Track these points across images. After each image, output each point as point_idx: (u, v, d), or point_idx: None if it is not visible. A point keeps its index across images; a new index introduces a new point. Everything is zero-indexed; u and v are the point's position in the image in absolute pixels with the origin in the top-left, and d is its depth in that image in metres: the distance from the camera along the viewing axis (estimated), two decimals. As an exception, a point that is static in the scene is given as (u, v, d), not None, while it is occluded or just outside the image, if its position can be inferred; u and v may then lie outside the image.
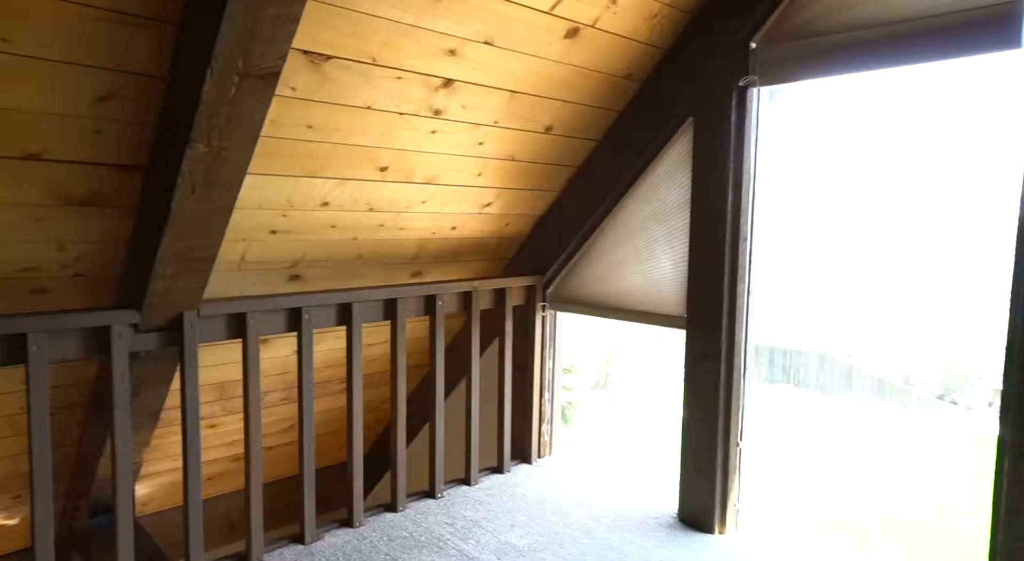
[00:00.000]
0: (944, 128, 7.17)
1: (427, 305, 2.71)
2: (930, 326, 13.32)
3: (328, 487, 2.87)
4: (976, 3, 1.88)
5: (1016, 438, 1.79)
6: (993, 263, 10.19)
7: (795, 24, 2.24)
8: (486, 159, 2.59)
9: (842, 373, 14.81)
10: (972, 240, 11.47)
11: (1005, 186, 1.85)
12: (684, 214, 2.57)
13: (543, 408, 3.15)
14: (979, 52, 1.90)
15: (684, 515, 2.57)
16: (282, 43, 1.61)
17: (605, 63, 2.46)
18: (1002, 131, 2.28)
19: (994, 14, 1.85)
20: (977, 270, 11.83)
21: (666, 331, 2.71)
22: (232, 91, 1.63)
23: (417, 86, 2.16)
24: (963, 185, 7.86)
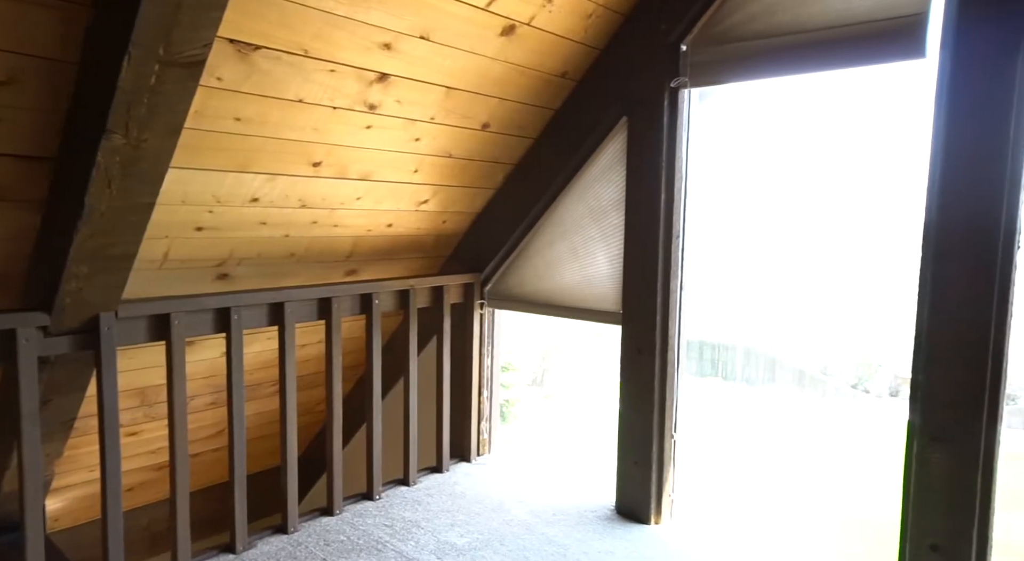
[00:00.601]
0: (859, 131, 7.52)
1: (363, 304, 2.65)
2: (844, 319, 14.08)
3: (259, 493, 2.77)
4: (886, 15, 2.00)
5: (924, 423, 1.90)
6: (901, 259, 10.87)
7: (722, 28, 2.31)
8: (423, 155, 2.56)
9: (766, 365, 15.44)
10: (881, 238, 12.16)
11: (914, 187, 1.97)
12: (619, 212, 2.61)
13: (482, 406, 3.14)
14: (889, 60, 2.02)
15: (621, 507, 2.62)
16: (207, 30, 1.53)
17: (541, 61, 2.47)
18: (910, 135, 2.42)
19: (902, 25, 1.97)
20: (886, 266, 12.60)
21: (601, 327, 2.75)
22: (152, 79, 1.54)
23: (351, 80, 2.11)
24: (877, 185, 8.20)
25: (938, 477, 1.87)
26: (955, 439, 1.84)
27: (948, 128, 1.83)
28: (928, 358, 1.89)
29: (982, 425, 1.80)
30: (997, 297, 1.78)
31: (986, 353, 1.79)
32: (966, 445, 1.82)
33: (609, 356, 14.83)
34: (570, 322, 2.79)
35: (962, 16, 1.81)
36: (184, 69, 1.57)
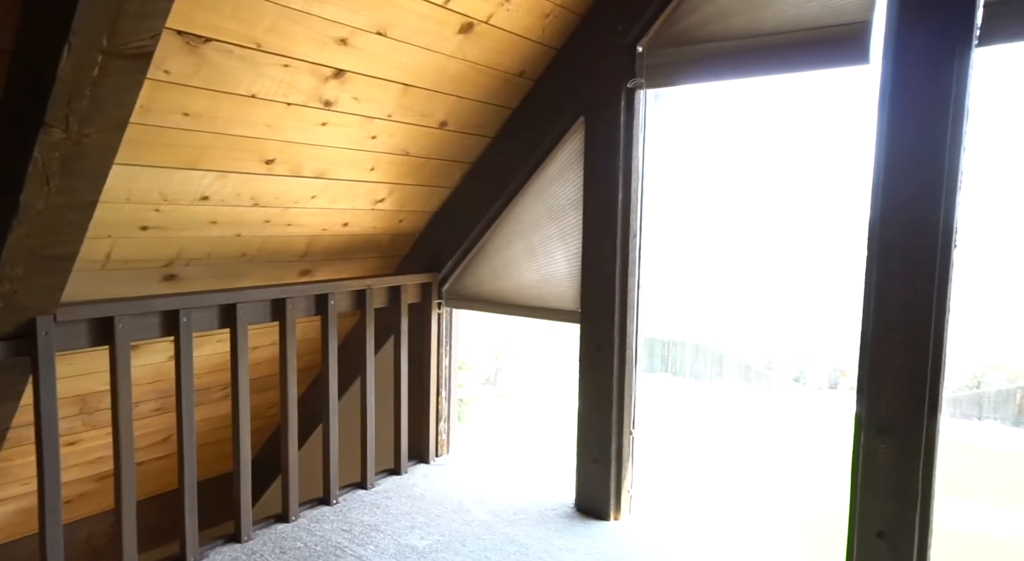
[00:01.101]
0: (808, 134, 7.75)
1: (318, 305, 2.59)
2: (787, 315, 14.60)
3: (207, 501, 2.67)
4: (832, 22, 2.07)
5: (869, 415, 1.98)
6: (840, 257, 11.28)
7: (678, 31, 2.35)
8: (379, 153, 2.52)
9: (714, 361, 15.85)
10: (823, 236, 12.62)
11: (859, 188, 2.04)
12: (577, 211, 2.63)
13: (440, 406, 3.11)
14: (835, 65, 2.09)
15: (581, 504, 2.64)
16: (155, 20, 1.47)
17: (499, 60, 2.46)
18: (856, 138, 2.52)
19: (847, 32, 2.04)
20: (827, 263, 13.10)
21: (554, 325, 2.77)
22: (95, 71, 1.47)
23: (306, 75, 2.05)
24: (824, 186, 8.50)
25: (883, 467, 1.95)
26: (899, 430, 1.92)
27: (890, 131, 1.91)
28: (873, 352, 1.97)
29: (924, 416, 1.89)
30: (936, 293, 1.86)
31: (927, 347, 1.87)
32: (909, 435, 1.91)
33: (562, 354, 14.97)
34: (523, 321, 2.79)
35: (901, 24, 1.89)
36: (130, 61, 1.50)
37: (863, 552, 1.99)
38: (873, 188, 1.96)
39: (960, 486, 7.52)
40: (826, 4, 2.05)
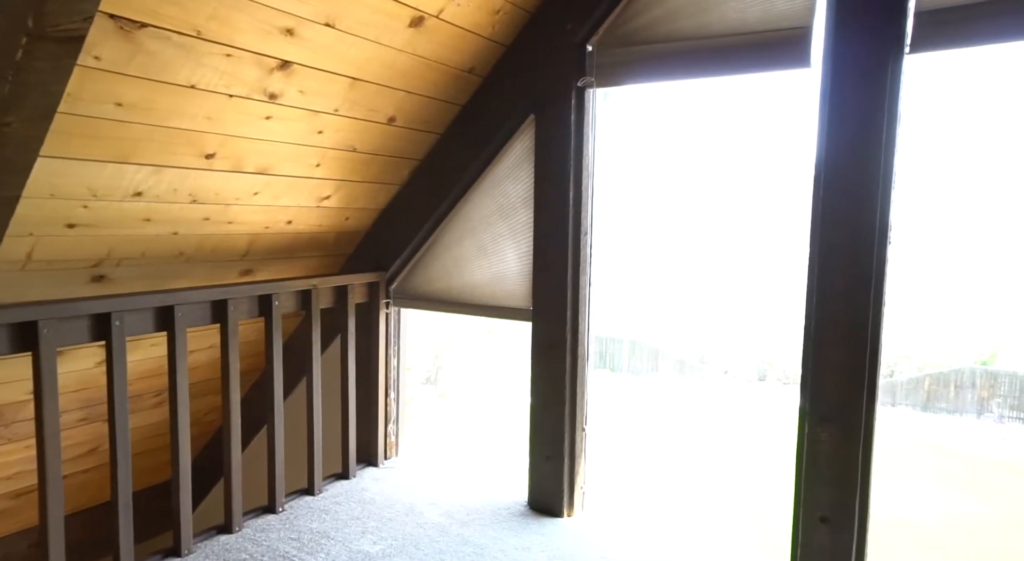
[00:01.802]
0: (753, 135, 8.03)
1: (262, 305, 2.49)
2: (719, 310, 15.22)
3: (138, 514, 2.54)
4: (775, 26, 2.13)
5: (813, 406, 2.06)
6: (775, 255, 11.87)
7: (627, 31, 2.38)
8: (325, 149, 2.45)
9: (650, 357, 16.29)
10: (759, 235, 13.17)
11: (802, 187, 2.13)
12: (528, 209, 2.62)
13: (389, 408, 3.05)
14: (778, 68, 2.16)
15: (534, 502, 2.64)
16: (86, 2, 1.38)
17: (449, 55, 2.43)
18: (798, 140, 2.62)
19: (789, 37, 2.11)
20: (761, 261, 13.71)
21: (494, 323, 2.76)
22: (19, 54, 1.37)
23: (250, 66, 1.97)
24: (765, 185, 8.85)
25: (826, 454, 2.04)
26: (840, 418, 2.01)
27: (830, 133, 1.99)
28: (816, 344, 2.05)
29: (863, 403, 1.98)
30: (874, 287, 1.96)
31: (865, 338, 1.97)
32: (849, 423, 2.00)
33: (504, 352, 14.96)
34: (463, 320, 2.76)
35: (838, 31, 1.97)
36: (58, 45, 1.40)
37: (808, 537, 2.07)
38: (815, 187, 2.04)
39: (880, 470, 7.94)
40: (769, 9, 2.12)
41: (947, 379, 13.31)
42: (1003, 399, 12.86)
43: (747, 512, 7.41)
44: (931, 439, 10.91)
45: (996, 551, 6.90)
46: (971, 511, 7.84)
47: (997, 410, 12.84)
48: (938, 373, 13.49)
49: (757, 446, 10.01)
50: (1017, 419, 12.60)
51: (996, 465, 9.56)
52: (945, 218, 19.01)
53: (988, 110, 17.70)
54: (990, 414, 12.85)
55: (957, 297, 18.30)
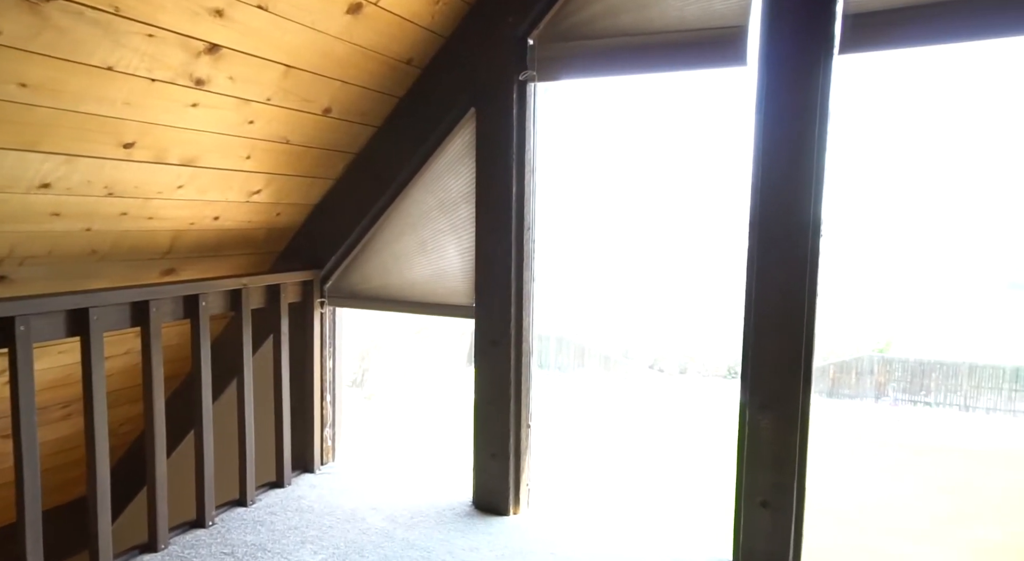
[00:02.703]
0: (693, 131, 8.27)
1: (187, 307, 2.33)
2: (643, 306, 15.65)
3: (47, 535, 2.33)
4: (712, 24, 2.19)
5: (753, 395, 2.12)
6: (702, 253, 12.27)
7: (568, 25, 2.38)
8: (256, 140, 2.32)
9: (576, 353, 16.61)
10: (692, 231, 13.55)
11: (741, 186, 2.19)
12: (469, 204, 2.58)
13: (325, 411, 2.93)
14: (716, 66, 2.21)
15: (479, 501, 2.60)
16: (-10, -31, 1.23)
17: (387, 45, 2.36)
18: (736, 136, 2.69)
19: (726, 35, 2.17)
20: (687, 256, 14.16)
21: (422, 322, 2.71)
22: (-92, 25, 1.20)
23: (175, 48, 1.83)
24: (707, 181, 9.14)
25: (766, 441, 2.11)
26: (779, 405, 2.08)
27: (766, 131, 2.06)
28: (755, 335, 2.12)
29: (799, 391, 2.06)
30: (808, 279, 2.04)
31: (801, 328, 2.05)
32: (787, 410, 2.07)
33: (433, 353, 14.78)
34: (390, 321, 2.69)
35: (771, 31, 2.04)
36: (-43, 16, 1.24)
37: (749, 521, 2.14)
38: (752, 184, 2.11)
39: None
40: (707, 7, 2.17)
41: (849, 367, 14.24)
42: (897, 383, 13.90)
43: (683, 500, 7.65)
44: (840, 423, 11.63)
45: (910, 526, 7.42)
46: (885, 489, 8.40)
47: (892, 394, 13.86)
48: (841, 361, 14.41)
49: (686, 436, 10.37)
50: (909, 401, 13.65)
51: (900, 445, 10.30)
52: (843, 215, 20.30)
53: (893, 112, 19.10)
54: (887, 398, 13.85)
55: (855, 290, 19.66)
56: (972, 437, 11.09)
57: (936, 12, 1.86)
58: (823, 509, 7.54)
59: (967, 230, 21.23)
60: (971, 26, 1.84)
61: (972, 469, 9.29)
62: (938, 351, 15.45)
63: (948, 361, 13.94)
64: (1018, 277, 22.33)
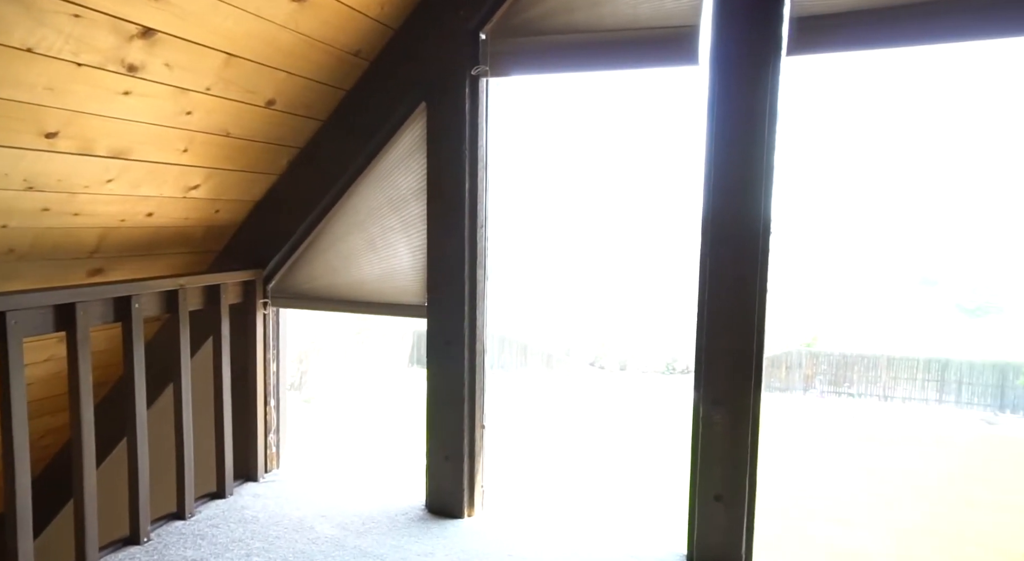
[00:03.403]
0: (648, 130, 8.38)
1: (118, 309, 2.18)
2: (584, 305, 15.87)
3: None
4: (665, 23, 2.20)
5: (707, 391, 2.15)
6: (642, 251, 12.54)
7: (521, 20, 2.36)
8: (194, 132, 2.19)
9: (518, 352, 16.67)
10: (642, 230, 13.86)
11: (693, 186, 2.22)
12: (420, 201, 2.52)
13: (268, 417, 2.81)
14: (668, 65, 2.23)
15: (433, 505, 2.54)
16: None
17: (334, 35, 2.27)
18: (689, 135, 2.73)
19: (678, 34, 2.19)
20: (635, 256, 14.41)
21: (362, 324, 2.64)
22: None
23: (105, 31, 1.70)
24: (658, 181, 9.30)
25: (719, 436, 2.14)
26: (731, 401, 2.12)
27: (718, 131, 2.09)
28: (709, 331, 2.14)
29: (751, 387, 2.10)
30: (759, 277, 2.08)
31: (752, 325, 2.09)
32: (740, 405, 2.11)
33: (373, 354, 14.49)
34: (330, 322, 2.59)
35: (722, 31, 2.07)
36: None
37: (704, 515, 2.17)
38: (705, 183, 2.13)
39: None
40: (659, 6, 2.18)
41: (780, 361, 14.84)
42: (823, 376, 14.58)
43: (633, 495, 7.77)
44: (772, 415, 12.09)
45: (839, 512, 7.76)
46: (814, 478, 8.76)
47: (819, 386, 14.54)
48: (772, 356, 14.99)
49: (632, 432, 10.55)
50: (834, 393, 14.35)
51: (828, 435, 10.78)
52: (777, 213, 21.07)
53: (820, 114, 19.97)
54: (814, 390, 14.52)
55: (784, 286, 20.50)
56: (891, 425, 11.74)
57: (878, 17, 1.93)
58: (760, 499, 7.80)
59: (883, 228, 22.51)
60: (911, 31, 1.91)
61: (892, 455, 9.83)
62: (860, 345, 16.32)
63: (869, 354, 14.73)
64: (929, 273, 23.80)
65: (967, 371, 14.05)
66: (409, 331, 17.32)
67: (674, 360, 17.12)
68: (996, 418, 13.09)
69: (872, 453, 9.91)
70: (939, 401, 14.05)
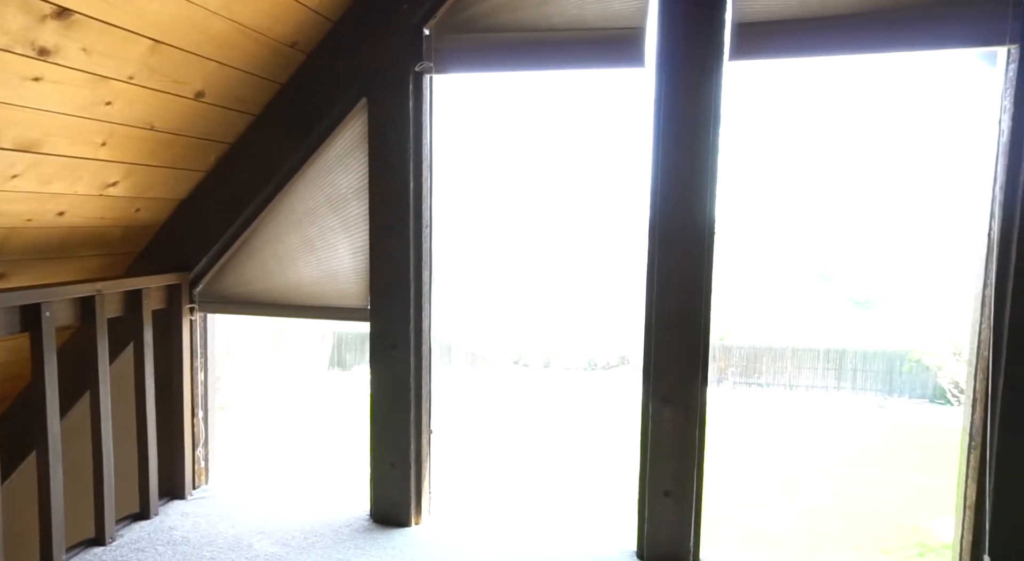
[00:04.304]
0: (597, 131, 8.39)
1: (26, 318, 1.97)
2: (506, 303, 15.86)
3: None
4: (611, 25, 2.21)
5: (655, 388, 2.19)
6: (575, 250, 12.67)
7: (466, 17, 2.31)
8: (115, 125, 2.01)
9: (443, 351, 16.55)
10: (574, 229, 13.97)
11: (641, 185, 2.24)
12: (361, 201, 2.43)
13: (196, 429, 2.63)
14: (614, 66, 2.24)
15: (379, 514, 2.46)
16: None
17: (270, 25, 2.14)
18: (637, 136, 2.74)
19: (624, 36, 2.20)
20: (562, 254, 14.52)
21: (279, 327, 2.54)
22: None
23: (13, 9, 1.53)
24: (597, 181, 9.37)
25: (668, 433, 2.18)
26: (680, 398, 2.17)
27: (665, 133, 2.12)
28: (657, 329, 2.18)
29: (698, 384, 2.16)
30: (705, 275, 2.14)
31: (699, 323, 2.14)
32: (688, 402, 2.16)
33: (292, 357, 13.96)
34: (244, 326, 2.45)
35: (668, 34, 2.11)
36: None
37: (653, 511, 2.21)
38: (652, 184, 2.17)
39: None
40: (607, 7, 2.19)
41: (695, 355, 15.45)
42: (735, 368, 15.33)
43: (576, 492, 7.86)
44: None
45: (751, 498, 8.15)
46: (729, 465, 9.17)
47: (732, 378, 15.27)
48: (688, 350, 15.57)
49: (563, 427, 10.68)
50: (744, 384, 15.11)
51: (740, 423, 11.31)
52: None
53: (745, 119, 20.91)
54: (727, 381, 15.23)
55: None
56: (796, 412, 12.48)
57: (813, 27, 2.01)
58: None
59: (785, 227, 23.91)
60: (842, 42, 2.01)
61: (797, 440, 10.45)
62: (767, 338, 17.23)
63: (776, 346, 15.59)
64: (826, 269, 25.47)
65: (861, 359, 15.14)
66: (330, 333, 16.82)
67: (596, 356, 17.53)
68: (886, 402, 14.20)
69: (780, 439, 10.50)
70: (837, 388, 15.07)
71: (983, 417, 1.95)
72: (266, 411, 11.42)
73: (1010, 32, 1.85)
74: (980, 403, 1.96)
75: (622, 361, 17.67)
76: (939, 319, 16.46)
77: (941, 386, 12.55)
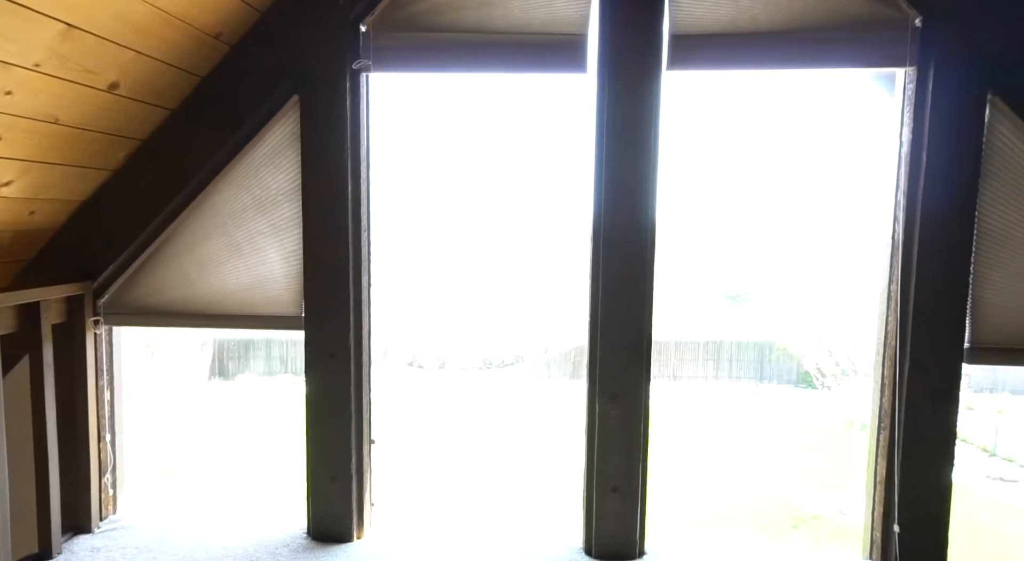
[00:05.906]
0: (535, 135, 8.24)
1: (-95, 338, 1.70)
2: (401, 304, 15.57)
3: None
4: (555, 30, 2.23)
5: (602, 386, 2.24)
6: (484, 249, 12.61)
7: (407, 15, 2.25)
8: (14, 117, 1.78)
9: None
10: (487, 230, 13.81)
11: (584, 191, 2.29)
12: (293, 203, 2.31)
13: (103, 454, 2.38)
14: (557, 71, 2.26)
15: (318, 530, 2.34)
16: None
17: (195, 14, 1.99)
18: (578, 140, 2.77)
19: (567, 41, 2.23)
20: (460, 253, 14.47)
21: (151, 338, 2.40)
22: None
23: (-94, -19, 1.31)
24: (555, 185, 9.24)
25: (614, 429, 2.25)
26: (625, 395, 2.24)
27: (608, 137, 2.18)
28: (602, 328, 2.24)
29: (642, 382, 2.24)
30: (647, 275, 2.21)
31: (642, 321, 2.22)
32: (633, 399, 2.24)
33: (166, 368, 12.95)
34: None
35: (609, 43, 2.17)
36: None
37: (601, 507, 2.27)
38: (595, 187, 2.22)
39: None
40: (552, 12, 2.21)
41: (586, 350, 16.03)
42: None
43: (495, 490, 7.83)
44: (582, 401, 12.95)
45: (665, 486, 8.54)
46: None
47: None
48: (581, 346, 16.12)
49: (468, 427, 10.64)
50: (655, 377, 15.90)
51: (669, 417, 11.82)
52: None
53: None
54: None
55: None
56: (680, 401, 13.25)
57: (742, 41, 2.14)
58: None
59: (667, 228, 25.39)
60: (767, 56, 2.15)
61: (683, 429, 11.10)
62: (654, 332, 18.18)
63: (661, 339, 16.49)
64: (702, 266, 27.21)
65: (735, 350, 16.36)
66: (210, 341, 15.73)
67: (491, 355, 17.65)
68: (757, 388, 15.43)
69: (668, 428, 11.11)
70: (716, 377, 16.18)
71: (891, 400, 2.17)
72: (147, 427, 10.51)
73: (909, 55, 2.08)
74: (888, 388, 2.19)
75: (517, 359, 17.93)
76: (802, 311, 18.09)
77: (805, 371, 13.81)
